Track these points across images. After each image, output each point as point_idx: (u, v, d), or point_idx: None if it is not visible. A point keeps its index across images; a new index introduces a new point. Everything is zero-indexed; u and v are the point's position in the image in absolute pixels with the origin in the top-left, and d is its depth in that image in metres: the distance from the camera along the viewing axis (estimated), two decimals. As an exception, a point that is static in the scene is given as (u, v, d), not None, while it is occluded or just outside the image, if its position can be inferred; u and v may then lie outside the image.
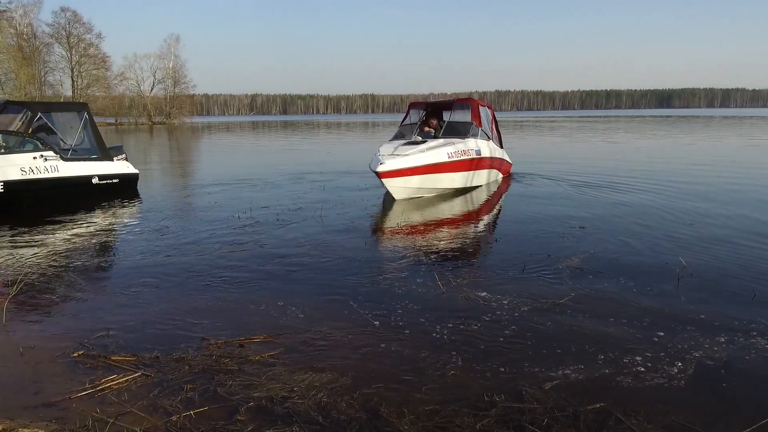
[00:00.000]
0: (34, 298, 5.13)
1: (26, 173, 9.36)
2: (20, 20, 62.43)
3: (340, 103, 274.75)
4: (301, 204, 10.08)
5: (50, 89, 66.73)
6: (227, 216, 8.95)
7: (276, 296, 5.14)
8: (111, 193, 10.79)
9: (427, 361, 3.73)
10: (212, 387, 3.43)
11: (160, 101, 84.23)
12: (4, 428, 2.84)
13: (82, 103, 11.97)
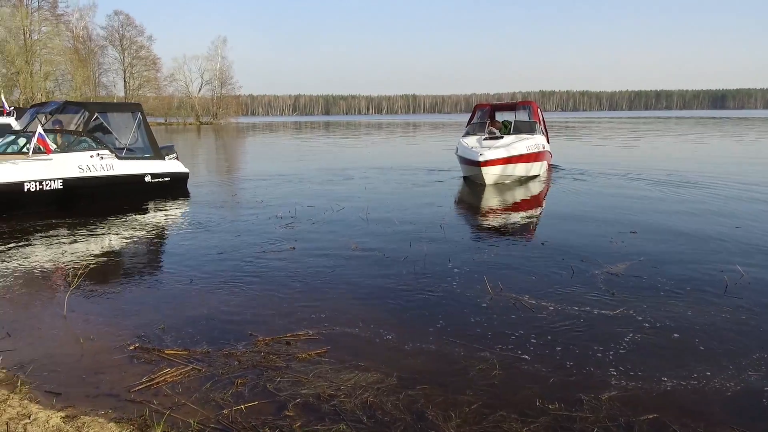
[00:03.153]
0: (92, 292, 5.36)
1: (84, 171, 9.77)
2: (76, 24, 65.37)
3: (382, 103, 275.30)
4: (345, 203, 10.17)
5: (104, 90, 69.50)
6: (274, 213, 9.11)
7: (321, 294, 5.21)
8: (162, 191, 11.15)
9: (474, 364, 3.70)
10: (261, 383, 3.50)
11: (207, 102, 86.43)
12: (67, 415, 2.98)
13: (136, 103, 12.40)
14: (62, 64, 57.55)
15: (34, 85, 50.70)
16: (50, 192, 9.33)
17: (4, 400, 3.07)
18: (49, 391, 3.34)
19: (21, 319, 4.69)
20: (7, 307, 5.01)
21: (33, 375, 3.54)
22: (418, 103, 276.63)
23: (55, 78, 57.33)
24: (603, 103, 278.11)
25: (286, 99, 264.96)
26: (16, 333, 4.30)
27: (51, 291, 5.48)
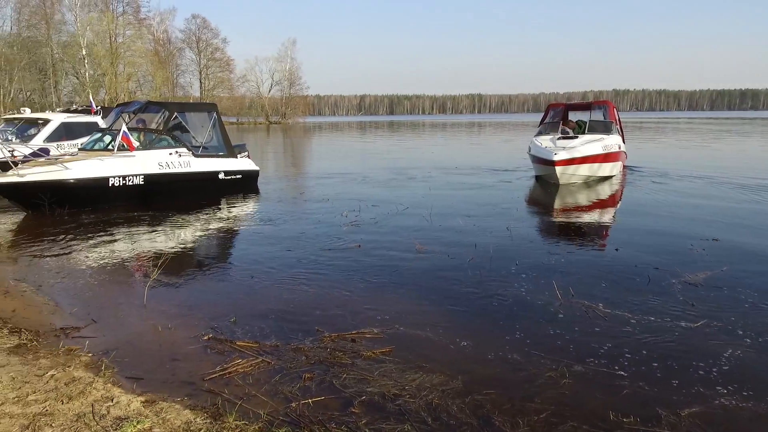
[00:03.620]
0: (169, 283, 5.63)
1: (163, 168, 10.29)
2: (157, 27, 68.96)
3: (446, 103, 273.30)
4: (409, 203, 10.17)
5: (181, 90, 72.85)
6: (339, 212, 9.24)
7: (386, 293, 5.24)
8: (234, 188, 11.57)
9: (542, 372, 3.60)
10: (328, 378, 3.56)
11: (276, 102, 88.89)
12: (146, 400, 3.14)
13: (212, 103, 12.92)
14: (144, 66, 60.88)
15: (118, 85, 53.89)
16: (132, 187, 9.89)
17: (90, 383, 3.27)
18: (130, 376, 3.53)
19: (105, 306, 4.99)
20: (92, 295, 5.36)
21: (116, 360, 3.75)
22: (483, 102, 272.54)
23: (137, 79, 60.79)
24: (682, 102, 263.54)
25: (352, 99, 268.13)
26: (100, 320, 4.58)
27: (132, 281, 5.81)
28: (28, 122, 13.78)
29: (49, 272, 6.10)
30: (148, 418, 2.86)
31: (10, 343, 3.88)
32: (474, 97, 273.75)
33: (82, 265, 6.37)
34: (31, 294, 5.28)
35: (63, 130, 13.38)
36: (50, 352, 3.77)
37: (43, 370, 3.40)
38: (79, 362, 3.62)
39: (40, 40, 50.52)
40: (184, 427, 2.80)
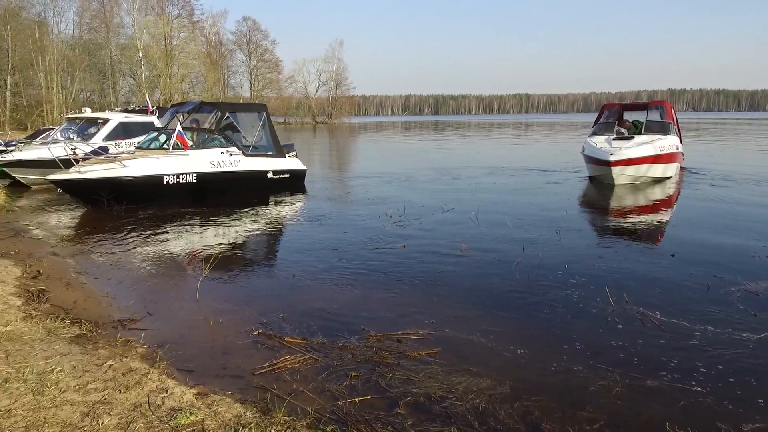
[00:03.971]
0: (221, 278, 5.78)
1: (215, 166, 10.58)
2: (209, 29, 70.96)
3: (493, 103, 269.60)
4: (454, 203, 10.09)
5: (232, 91, 74.67)
6: (384, 211, 9.27)
7: (431, 294, 5.21)
8: (282, 187, 11.78)
9: (594, 380, 3.50)
10: (373, 378, 3.57)
11: (323, 102, 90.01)
12: (199, 392, 3.22)
13: (262, 104, 13.19)
14: (196, 67, 62.78)
15: (172, 86, 55.76)
16: (186, 185, 10.21)
17: (145, 374, 3.39)
18: (183, 368, 3.63)
19: (159, 300, 5.17)
20: (147, 288, 5.56)
21: (169, 352, 3.87)
22: (531, 102, 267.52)
23: (190, 80, 62.75)
24: (742, 102, 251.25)
25: (397, 99, 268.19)
26: (155, 313, 4.74)
27: (185, 276, 5.99)
28: (89, 121, 14.41)
29: (107, 266, 6.37)
30: (201, 410, 2.94)
31: (71, 333, 4.07)
32: (521, 96, 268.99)
33: (138, 260, 6.62)
34: (91, 286, 5.52)
35: (121, 129, 13.95)
36: (108, 342, 3.93)
37: (101, 360, 3.54)
38: (136, 353, 3.76)
39: (100, 43, 52.81)
40: (235, 421, 2.86)
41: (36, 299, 4.83)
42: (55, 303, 4.81)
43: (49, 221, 9.25)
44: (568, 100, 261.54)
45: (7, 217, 9.42)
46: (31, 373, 3.23)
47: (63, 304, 4.78)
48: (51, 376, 3.20)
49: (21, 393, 2.98)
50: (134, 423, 2.75)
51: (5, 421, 2.69)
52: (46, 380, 3.15)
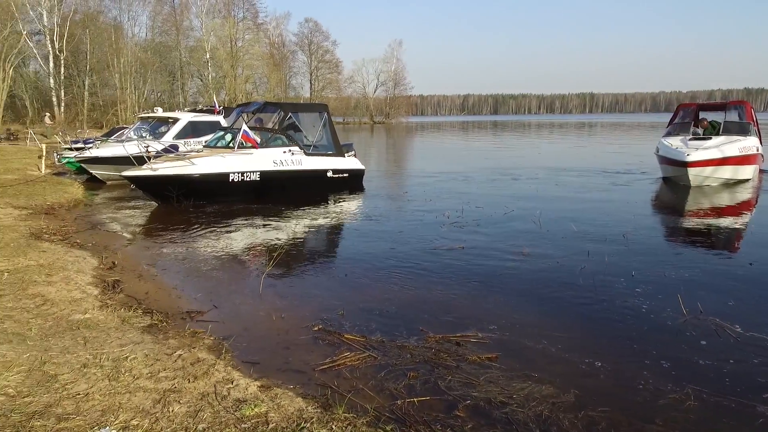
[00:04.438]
0: (283, 274, 5.91)
1: (277, 165, 10.85)
2: (273, 31, 72.93)
3: (555, 102, 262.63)
4: (514, 204, 9.90)
5: (293, 91, 76.39)
6: (441, 212, 9.20)
7: (491, 297, 5.13)
8: (341, 186, 11.93)
9: (664, 392, 3.34)
10: (432, 379, 3.55)
11: (380, 102, 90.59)
12: (262, 385, 3.30)
13: (323, 104, 13.40)
14: (260, 68, 64.65)
15: (236, 87, 57.63)
16: (250, 183, 10.52)
17: (212, 365, 3.51)
18: (247, 360, 3.74)
19: (224, 293, 5.34)
20: (213, 282, 5.76)
21: (234, 345, 4.00)
22: (595, 101, 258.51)
23: (253, 81, 64.63)
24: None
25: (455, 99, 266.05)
26: (221, 306, 4.90)
27: (249, 271, 6.17)
28: (160, 120, 15.10)
29: (175, 259, 6.65)
30: (264, 402, 3.01)
31: (143, 323, 4.26)
32: (585, 96, 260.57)
33: (204, 254, 6.88)
34: (161, 278, 5.78)
35: (190, 128, 14.53)
36: (178, 333, 4.09)
37: (171, 350, 3.69)
38: (203, 344, 3.90)
39: (170, 45, 55.23)
40: (297, 415, 2.91)
41: (111, 289, 5.10)
42: (129, 293, 5.06)
43: (123, 215, 9.76)
44: (635, 100, 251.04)
45: (85, 211, 10.01)
46: (107, 359, 3.41)
47: (136, 295, 5.03)
48: (125, 363, 3.36)
49: (98, 378, 3.15)
50: (202, 412, 2.85)
51: (84, 404, 2.85)
52: (120, 367, 3.31)
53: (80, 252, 6.37)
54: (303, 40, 79.17)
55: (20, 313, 4.12)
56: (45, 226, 7.67)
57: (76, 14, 41.89)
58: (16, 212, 8.58)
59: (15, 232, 6.84)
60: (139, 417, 2.74)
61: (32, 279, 4.96)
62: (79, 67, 41.61)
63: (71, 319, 4.14)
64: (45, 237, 6.94)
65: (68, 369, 3.21)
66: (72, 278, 5.18)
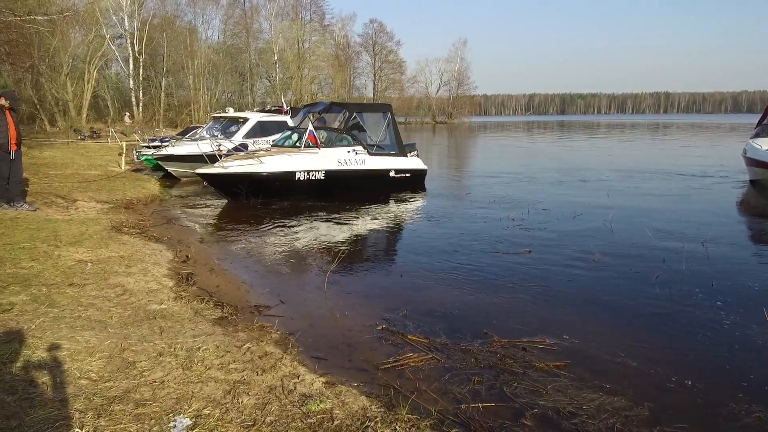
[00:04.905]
0: (346, 272, 5.98)
1: (342, 164, 11.00)
2: (339, 32, 73.97)
3: (626, 101, 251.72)
4: (583, 208, 9.56)
5: (356, 91, 77.16)
6: (506, 214, 9.02)
7: (559, 303, 4.97)
8: (404, 185, 11.95)
9: (748, 411, 3.13)
10: (497, 384, 3.47)
11: (443, 102, 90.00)
12: (327, 381, 3.34)
13: (387, 104, 13.46)
14: (325, 69, 65.76)
15: (302, 87, 58.88)
16: (315, 181, 10.72)
17: (279, 359, 3.58)
18: (312, 356, 3.80)
19: (290, 289, 5.46)
20: (280, 277, 5.90)
21: (300, 340, 4.07)
22: (670, 101, 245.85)
23: (318, 81, 65.84)
24: None
25: (520, 98, 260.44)
26: (287, 301, 5.01)
27: (314, 268, 6.27)
28: (231, 120, 15.64)
29: (244, 254, 6.87)
30: (329, 399, 3.04)
31: (214, 315, 4.42)
32: (659, 95, 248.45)
33: (271, 250, 7.06)
34: (231, 272, 5.98)
35: (258, 127, 14.97)
36: (246, 326, 4.22)
37: (241, 342, 3.80)
38: (270, 339, 3.99)
39: (241, 47, 57.12)
40: (361, 413, 2.92)
41: (185, 282, 5.32)
42: (201, 286, 5.26)
43: (196, 211, 10.18)
44: (714, 99, 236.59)
45: (161, 206, 10.51)
46: (181, 349, 3.55)
47: (207, 288, 5.22)
48: (198, 354, 3.49)
49: (173, 367, 3.29)
50: (269, 405, 2.91)
51: (160, 391, 2.98)
52: (193, 357, 3.44)
53: (157, 245, 6.69)
54: (367, 41, 79.88)
55: (102, 301, 4.37)
56: (124, 219, 8.12)
57: (155, 18, 44.12)
58: (99, 206, 9.13)
59: (98, 225, 7.27)
60: (210, 406, 2.84)
61: (113, 269, 5.25)
62: (156, 68, 43.80)
63: (148, 308, 4.35)
64: (124, 230, 7.34)
65: (145, 357, 3.37)
66: (149, 270, 5.44)
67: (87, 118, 33.75)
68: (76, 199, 9.31)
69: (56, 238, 6.13)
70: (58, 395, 2.79)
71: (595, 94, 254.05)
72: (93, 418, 2.61)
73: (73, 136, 24.47)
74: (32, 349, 3.29)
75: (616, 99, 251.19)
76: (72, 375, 3.03)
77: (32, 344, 3.36)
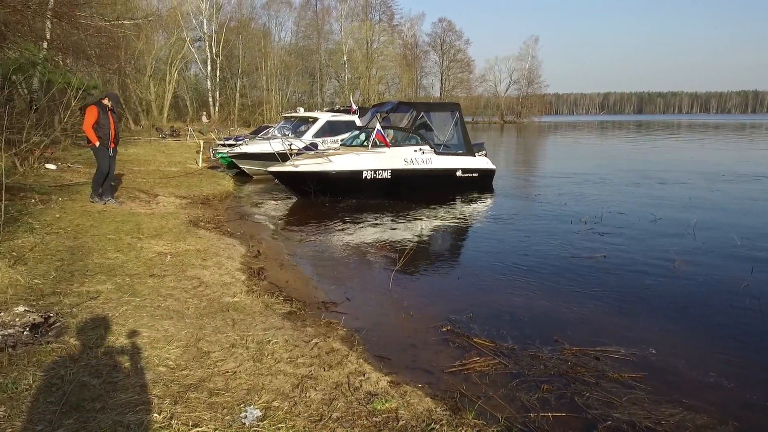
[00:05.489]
0: (411, 272, 5.96)
1: (408, 164, 11.00)
2: (407, 32, 74.07)
3: (710, 101, 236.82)
4: (662, 211, 9.07)
5: (423, 91, 76.94)
6: (578, 217, 8.71)
7: (636, 312, 4.74)
8: (471, 185, 11.79)
9: None
10: (568, 394, 3.35)
11: (512, 101, 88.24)
12: (392, 380, 3.34)
13: (455, 103, 13.34)
14: (392, 69, 66.05)
15: (370, 87, 59.45)
16: (381, 180, 10.78)
17: (345, 356, 3.62)
18: (378, 355, 3.81)
19: (356, 287, 5.51)
20: (347, 275, 5.97)
21: (366, 338, 4.09)
22: (759, 100, 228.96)
23: (386, 81, 66.22)
24: None
25: (594, 97, 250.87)
26: (353, 299, 5.06)
27: (380, 267, 6.30)
28: (301, 120, 16.01)
29: (313, 250, 7.01)
30: (394, 398, 3.04)
31: (284, 310, 4.52)
32: (747, 93, 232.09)
33: (338, 247, 7.17)
34: (300, 268, 6.12)
35: (327, 127, 15.24)
36: (314, 321, 4.29)
37: (309, 337, 3.87)
38: (337, 335, 4.04)
39: (312, 49, 58.44)
40: (426, 415, 2.89)
41: (256, 276, 5.49)
42: (272, 281, 5.41)
43: (267, 207, 10.50)
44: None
45: (235, 202, 10.92)
46: (252, 341, 3.66)
47: (277, 282, 5.36)
48: (268, 347, 3.58)
49: (244, 358, 3.39)
50: (336, 401, 2.94)
51: (232, 381, 3.08)
52: (264, 350, 3.54)
53: (230, 240, 6.94)
54: (435, 40, 79.45)
55: (180, 292, 4.57)
56: (201, 214, 8.48)
57: (231, 21, 45.96)
58: (177, 201, 9.59)
59: (177, 219, 7.64)
60: (279, 399, 2.90)
61: (190, 262, 5.49)
62: (232, 70, 45.59)
63: (222, 301, 4.51)
64: (201, 224, 7.67)
65: (219, 347, 3.50)
66: (223, 263, 5.65)
67: (168, 117, 35.61)
68: (158, 194, 9.83)
69: (139, 231, 6.49)
70: (139, 381, 2.94)
71: (675, 93, 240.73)
72: (170, 405, 2.73)
73: (155, 134, 25.86)
74: (116, 336, 3.49)
75: (699, 98, 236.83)
76: (151, 362, 3.19)
77: (116, 331, 3.56)
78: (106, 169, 7.76)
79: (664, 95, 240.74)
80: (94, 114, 7.50)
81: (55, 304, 3.91)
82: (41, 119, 11.95)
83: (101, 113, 7.56)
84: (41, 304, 3.89)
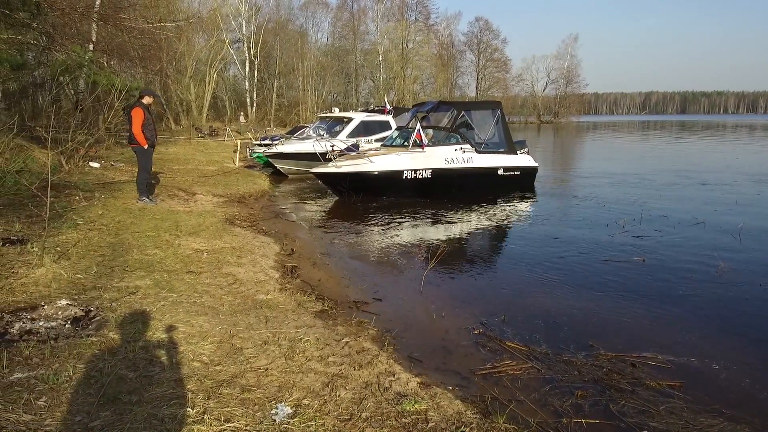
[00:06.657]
0: (444, 273, 5.93)
1: (449, 163, 10.93)
2: (443, 32, 73.69)
3: (758, 100, 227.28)
4: (705, 214, 8.77)
5: (458, 91, 76.38)
6: (617, 218, 8.49)
7: (675, 318, 4.59)
8: (512, 184, 11.65)
9: None
10: (603, 401, 3.27)
11: (549, 101, 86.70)
12: (422, 382, 3.32)
13: (496, 101, 13.18)
14: (428, 69, 65.80)
15: (405, 87, 59.41)
16: (421, 180, 10.76)
17: (375, 355, 3.62)
18: (408, 355, 3.80)
19: (388, 287, 5.51)
20: (378, 274, 5.98)
21: (396, 338, 4.09)
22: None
23: (421, 81, 66.03)
24: None
25: (635, 96, 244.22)
26: (385, 299, 5.07)
27: (412, 267, 6.28)
28: (336, 120, 16.12)
29: (346, 250, 7.04)
30: (424, 400, 3.02)
31: (315, 308, 4.56)
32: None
33: (371, 247, 7.18)
34: (332, 267, 6.15)
35: (362, 127, 15.30)
36: (345, 321, 4.31)
37: (339, 336, 3.89)
38: (367, 335, 4.05)
39: (348, 49, 58.76)
40: (456, 417, 2.87)
41: (290, 274, 5.55)
42: (304, 279, 5.46)
43: (302, 207, 10.61)
44: None
45: (270, 201, 11.07)
46: (284, 339, 3.70)
47: (310, 281, 5.41)
48: (299, 345, 3.62)
49: (276, 356, 3.43)
50: (365, 401, 2.95)
51: (264, 378, 3.12)
52: (295, 347, 3.57)
53: (265, 238, 7.04)
54: (472, 39, 78.76)
55: (215, 289, 4.66)
56: (237, 213, 8.63)
57: (269, 23, 46.60)
58: (215, 199, 9.78)
59: (214, 217, 7.79)
60: (309, 397, 2.93)
61: (226, 259, 5.59)
62: (270, 70, 46.24)
63: (256, 298, 4.58)
64: (237, 223, 7.80)
65: (252, 344, 3.55)
66: (258, 261, 5.74)
67: (207, 117, 36.36)
68: (196, 192, 10.05)
69: (177, 228, 6.64)
70: (174, 375, 3.01)
71: (721, 92, 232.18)
72: (203, 399, 2.78)
73: (194, 133, 26.44)
74: (153, 330, 3.58)
75: (746, 97, 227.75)
76: (186, 357, 3.25)
77: (153, 326, 3.65)
78: (150, 169, 7.95)
79: (708, 95, 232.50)
80: (141, 116, 7.65)
81: (95, 299, 4.04)
82: (86, 119, 12.37)
83: (147, 114, 7.74)
84: (82, 298, 4.02)
